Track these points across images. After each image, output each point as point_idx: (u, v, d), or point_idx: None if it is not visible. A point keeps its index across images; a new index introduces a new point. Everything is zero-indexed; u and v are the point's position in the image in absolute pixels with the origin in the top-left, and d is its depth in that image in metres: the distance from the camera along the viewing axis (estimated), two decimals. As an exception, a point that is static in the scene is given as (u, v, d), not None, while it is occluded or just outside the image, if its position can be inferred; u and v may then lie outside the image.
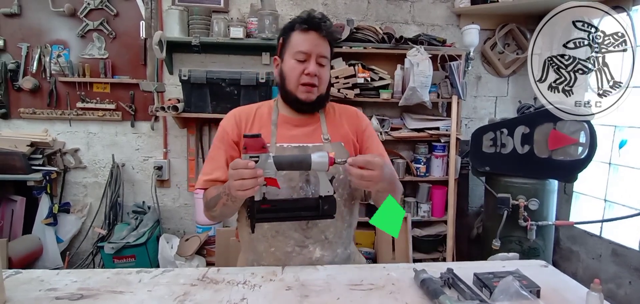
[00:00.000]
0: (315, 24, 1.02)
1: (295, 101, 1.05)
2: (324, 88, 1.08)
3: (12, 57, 2.40)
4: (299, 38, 1.03)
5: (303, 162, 0.87)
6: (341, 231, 1.07)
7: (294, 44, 1.04)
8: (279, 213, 0.93)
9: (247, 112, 1.11)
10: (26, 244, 2.24)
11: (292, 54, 1.04)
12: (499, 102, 2.80)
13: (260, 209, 0.90)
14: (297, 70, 1.03)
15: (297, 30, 1.04)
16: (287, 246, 1.03)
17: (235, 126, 1.08)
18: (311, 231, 1.03)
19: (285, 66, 1.06)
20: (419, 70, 2.26)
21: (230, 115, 1.11)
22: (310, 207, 0.94)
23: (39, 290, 0.84)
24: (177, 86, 2.44)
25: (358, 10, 2.60)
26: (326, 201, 0.92)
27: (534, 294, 0.83)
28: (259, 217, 0.92)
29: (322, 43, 1.04)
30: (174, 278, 0.92)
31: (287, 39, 1.06)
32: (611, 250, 2.19)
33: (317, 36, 1.03)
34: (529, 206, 2.00)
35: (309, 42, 1.02)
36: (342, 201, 1.05)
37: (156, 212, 2.53)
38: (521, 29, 2.64)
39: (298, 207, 0.95)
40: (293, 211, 0.95)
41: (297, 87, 1.04)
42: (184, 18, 2.35)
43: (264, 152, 0.84)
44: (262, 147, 0.84)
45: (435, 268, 0.93)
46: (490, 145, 2.18)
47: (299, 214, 0.95)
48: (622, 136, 2.17)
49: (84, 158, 2.55)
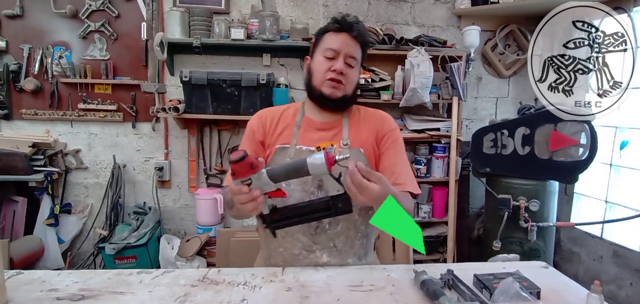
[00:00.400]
0: (347, 25, 1.03)
1: (320, 96, 1.05)
2: (351, 89, 1.07)
3: (14, 58, 2.41)
4: (330, 37, 1.05)
5: (300, 169, 0.81)
6: (353, 241, 1.04)
7: (324, 43, 1.05)
8: (292, 219, 0.91)
9: (273, 113, 1.12)
10: (27, 244, 2.25)
11: (322, 51, 1.05)
12: (499, 103, 2.80)
13: (273, 220, 0.89)
14: (324, 66, 1.03)
15: (330, 31, 1.05)
16: (294, 248, 1.02)
17: (260, 126, 1.09)
18: (319, 237, 1.02)
19: (314, 63, 1.07)
20: (420, 72, 2.26)
21: (256, 116, 1.13)
22: (322, 209, 0.90)
23: (40, 291, 0.84)
24: (178, 87, 2.45)
25: (358, 11, 2.60)
26: (338, 199, 0.87)
27: (534, 295, 0.83)
28: (275, 226, 0.90)
29: (353, 44, 1.04)
30: (174, 279, 0.92)
31: (319, 39, 1.07)
32: (612, 251, 2.19)
33: (349, 37, 1.03)
34: (530, 207, 2.00)
35: (340, 41, 1.03)
36: (356, 209, 1.01)
37: (157, 213, 2.53)
38: (522, 29, 2.64)
39: (310, 211, 0.90)
40: (306, 215, 0.91)
41: (322, 82, 1.04)
42: (185, 19, 2.36)
43: (255, 172, 0.79)
44: (251, 167, 0.78)
45: (435, 269, 0.93)
46: (490, 146, 2.18)
47: (313, 217, 0.91)
48: (623, 137, 2.17)
49: (85, 159, 2.56)
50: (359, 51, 1.06)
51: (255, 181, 0.79)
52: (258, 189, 0.79)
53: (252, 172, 0.78)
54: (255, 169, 0.78)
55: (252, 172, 0.78)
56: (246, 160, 0.76)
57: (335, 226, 1.02)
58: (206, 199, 2.46)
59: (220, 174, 2.64)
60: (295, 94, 2.60)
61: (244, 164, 0.76)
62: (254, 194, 0.79)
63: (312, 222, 1.00)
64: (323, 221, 1.01)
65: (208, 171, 2.62)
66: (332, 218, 1.01)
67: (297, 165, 0.81)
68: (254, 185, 0.79)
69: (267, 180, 0.80)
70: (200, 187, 2.61)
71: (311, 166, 0.79)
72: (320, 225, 1.01)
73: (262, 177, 0.80)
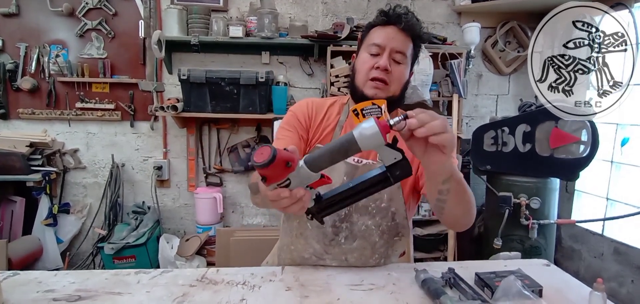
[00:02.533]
0: (394, 17, 0.92)
1: (362, 97, 0.92)
2: (397, 88, 0.94)
3: (10, 58, 2.39)
4: (376, 31, 0.94)
5: (348, 148, 0.64)
6: (367, 260, 0.99)
7: (370, 38, 0.95)
8: (344, 202, 0.74)
9: (321, 107, 1.03)
10: (26, 245, 2.24)
11: (366, 47, 0.95)
12: (500, 100, 2.79)
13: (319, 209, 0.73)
14: (368, 64, 0.93)
15: (377, 25, 0.95)
16: (305, 252, 1.00)
17: (307, 115, 1.01)
18: (333, 249, 0.98)
19: (358, 61, 0.97)
20: (420, 69, 2.25)
21: (304, 103, 1.03)
22: (377, 183, 0.72)
23: (36, 292, 0.83)
24: (177, 86, 2.44)
25: (358, 8, 2.59)
26: (395, 167, 0.68)
27: (536, 293, 0.82)
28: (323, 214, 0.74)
29: (401, 37, 0.92)
30: (172, 279, 0.91)
31: (366, 34, 0.98)
32: (613, 248, 2.18)
33: (396, 30, 0.92)
34: (531, 204, 1.99)
35: (385, 35, 0.92)
36: (377, 231, 0.95)
37: (156, 212, 2.52)
38: (522, 26, 2.62)
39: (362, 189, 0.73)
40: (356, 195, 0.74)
41: (365, 82, 0.93)
42: (183, 17, 2.34)
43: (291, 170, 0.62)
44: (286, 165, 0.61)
45: (436, 268, 0.92)
46: (491, 143, 2.17)
47: (365, 195, 0.74)
48: (624, 134, 2.16)
49: (83, 158, 2.54)
50: (409, 45, 0.94)
51: (294, 178, 0.63)
52: (300, 187, 0.64)
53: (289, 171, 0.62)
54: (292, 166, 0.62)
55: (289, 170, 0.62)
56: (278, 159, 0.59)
57: (351, 242, 0.97)
58: (205, 198, 2.45)
59: (220, 173, 2.63)
60: (294, 92, 2.59)
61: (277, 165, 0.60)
62: (297, 195, 0.62)
63: (328, 232, 0.95)
64: (339, 235, 0.96)
65: (207, 170, 2.61)
66: (349, 233, 0.96)
67: (344, 144, 0.64)
68: (293, 184, 0.64)
69: (308, 173, 0.65)
70: (200, 186, 2.60)
71: (361, 139, 0.63)
72: (336, 239, 0.97)
73: (302, 172, 0.64)
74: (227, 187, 2.65)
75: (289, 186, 0.63)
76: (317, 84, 2.60)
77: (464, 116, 2.67)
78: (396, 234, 0.99)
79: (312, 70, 2.58)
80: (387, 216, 0.96)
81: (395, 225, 0.97)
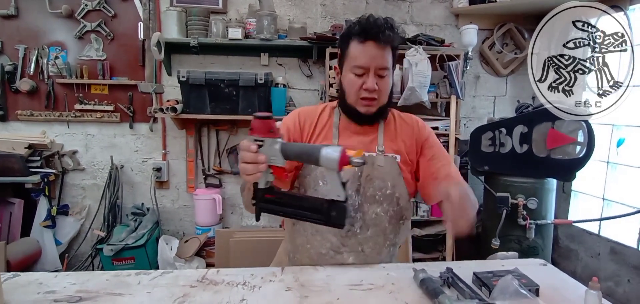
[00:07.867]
0: (372, 34, 0.95)
1: (355, 114, 1.02)
2: (385, 99, 1.02)
3: (9, 59, 2.39)
4: (356, 50, 0.97)
5: (312, 155, 0.75)
6: (381, 248, 1.04)
7: (351, 57, 0.98)
8: (283, 207, 0.83)
9: (311, 115, 1.08)
10: (24, 246, 2.23)
11: (350, 68, 0.99)
12: (497, 101, 2.81)
13: (263, 198, 0.82)
14: (356, 85, 0.98)
15: (354, 40, 0.98)
16: (322, 247, 1.02)
17: (299, 124, 1.06)
18: (349, 240, 1.01)
19: (345, 79, 1.02)
20: (418, 71, 2.26)
21: (295, 114, 1.08)
22: (316, 210, 0.81)
23: (37, 293, 0.84)
24: (176, 87, 2.44)
25: (356, 10, 2.60)
26: (334, 206, 0.78)
27: (533, 292, 0.83)
28: (262, 206, 0.83)
29: (382, 53, 0.96)
30: (173, 280, 0.91)
31: (345, 49, 1.01)
32: (610, 248, 2.20)
33: (376, 46, 0.96)
34: (528, 205, 2.01)
35: (367, 55, 0.96)
36: (386, 217, 1.01)
37: (155, 213, 2.52)
38: (519, 28, 2.64)
39: (304, 207, 0.82)
40: (298, 209, 0.83)
41: (356, 101, 1.00)
42: (182, 19, 2.35)
43: (272, 137, 0.74)
44: (270, 131, 0.74)
45: (434, 268, 0.93)
46: (489, 144, 2.19)
47: (303, 214, 0.83)
48: (620, 135, 2.18)
49: (82, 160, 2.54)
50: (389, 57, 0.98)
51: (267, 146, 0.75)
52: (265, 156, 0.74)
53: (269, 136, 0.75)
54: (273, 134, 0.75)
55: (269, 135, 0.75)
56: (269, 121, 0.73)
57: (366, 230, 1.02)
58: (205, 199, 2.46)
59: (219, 174, 2.63)
60: (293, 93, 2.60)
61: (266, 123, 0.74)
62: (259, 157, 0.74)
63: None
64: (355, 225, 1.00)
65: (206, 172, 2.61)
66: (363, 222, 1.00)
67: (311, 151, 0.76)
68: (263, 149, 0.75)
69: (277, 152, 0.76)
70: (199, 187, 2.60)
71: (324, 156, 0.73)
72: (352, 229, 1.01)
73: (274, 147, 0.76)
74: (226, 189, 2.65)
75: (261, 148, 0.74)
76: (316, 85, 2.60)
77: (461, 117, 2.68)
78: (401, 217, 1.06)
79: (311, 71, 2.59)
80: (392, 202, 1.03)
81: (399, 209, 1.05)
